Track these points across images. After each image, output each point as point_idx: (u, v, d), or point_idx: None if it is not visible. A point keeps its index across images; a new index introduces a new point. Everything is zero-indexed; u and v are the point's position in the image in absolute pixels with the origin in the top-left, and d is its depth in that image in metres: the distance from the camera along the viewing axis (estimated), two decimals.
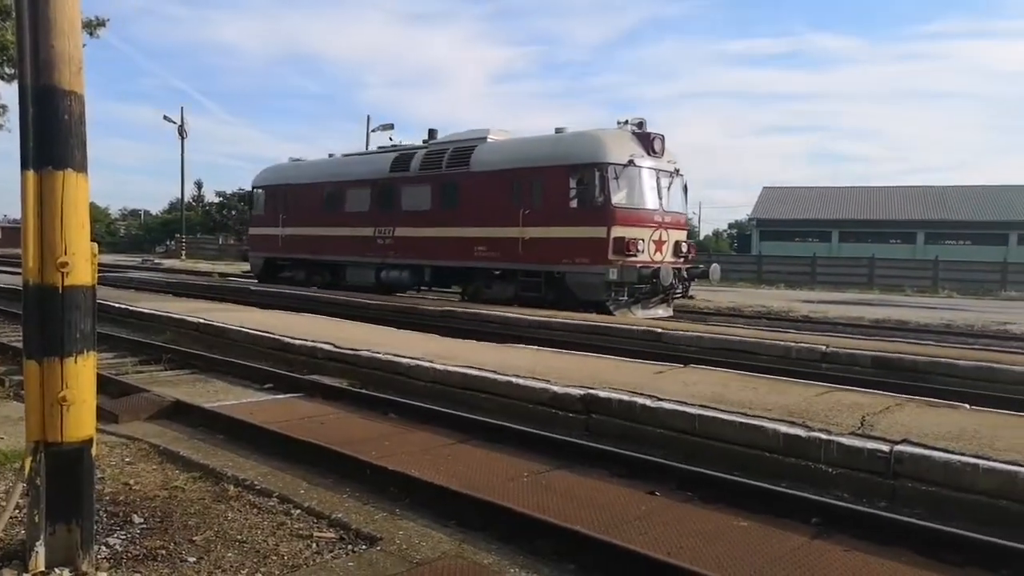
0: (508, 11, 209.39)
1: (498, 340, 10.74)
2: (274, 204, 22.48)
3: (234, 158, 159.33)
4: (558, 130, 16.54)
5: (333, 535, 3.98)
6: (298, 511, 4.29)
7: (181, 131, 50.08)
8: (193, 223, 63.59)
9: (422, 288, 19.71)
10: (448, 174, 17.44)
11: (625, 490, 4.77)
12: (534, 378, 7.03)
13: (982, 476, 4.39)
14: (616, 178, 14.68)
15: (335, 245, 20.26)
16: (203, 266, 39.40)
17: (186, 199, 60.63)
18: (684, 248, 15.96)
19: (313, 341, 9.49)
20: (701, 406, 5.86)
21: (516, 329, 13.05)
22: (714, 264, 17.38)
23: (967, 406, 6.26)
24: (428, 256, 17.82)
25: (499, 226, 16.15)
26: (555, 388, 6.69)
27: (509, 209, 15.92)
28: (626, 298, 14.78)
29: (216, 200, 69.56)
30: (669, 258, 15.36)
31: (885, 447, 4.81)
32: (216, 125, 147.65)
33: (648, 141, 15.40)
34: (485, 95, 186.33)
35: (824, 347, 10.00)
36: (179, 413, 6.62)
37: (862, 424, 5.34)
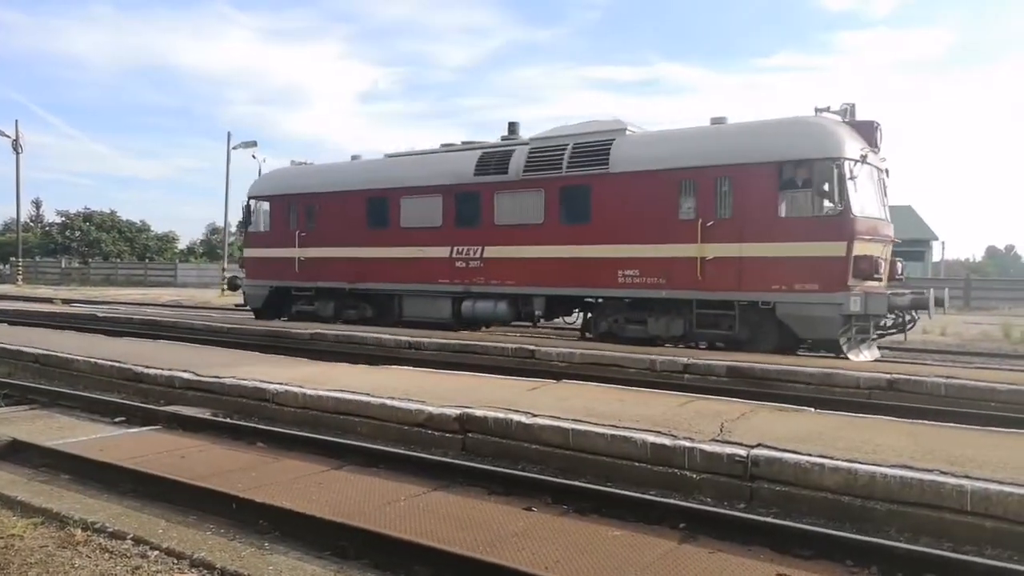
0: (374, 32, 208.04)
1: (370, 362, 10.54)
2: (285, 219, 17.79)
3: (79, 175, 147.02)
4: (715, 120, 13.01)
5: None
6: (156, 552, 4.00)
7: (15, 146, 45.88)
8: (31, 245, 58.29)
9: (523, 322, 15.41)
10: (573, 176, 13.52)
11: (503, 507, 4.79)
12: (409, 399, 6.95)
13: (827, 474, 4.77)
14: (852, 179, 11.35)
15: (386, 270, 15.93)
16: (43, 292, 36.15)
17: (23, 219, 55.62)
18: (899, 268, 12.69)
19: (170, 370, 8.92)
20: (574, 420, 6.00)
21: (387, 350, 12.87)
22: (945, 289, 12.77)
23: (812, 410, 6.79)
24: (539, 282, 13.86)
25: (659, 242, 12.49)
26: (431, 409, 6.64)
27: (676, 220, 12.40)
28: (870, 334, 11.66)
29: (58, 220, 64.22)
30: (885, 281, 12.11)
31: (743, 451, 5.11)
32: (59, 140, 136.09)
33: (870, 132, 12.05)
34: (352, 114, 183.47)
35: (685, 359, 10.53)
36: (16, 453, 6.02)
37: (721, 431, 5.67)
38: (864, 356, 11.54)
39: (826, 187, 11.51)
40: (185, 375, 8.64)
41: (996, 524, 4.21)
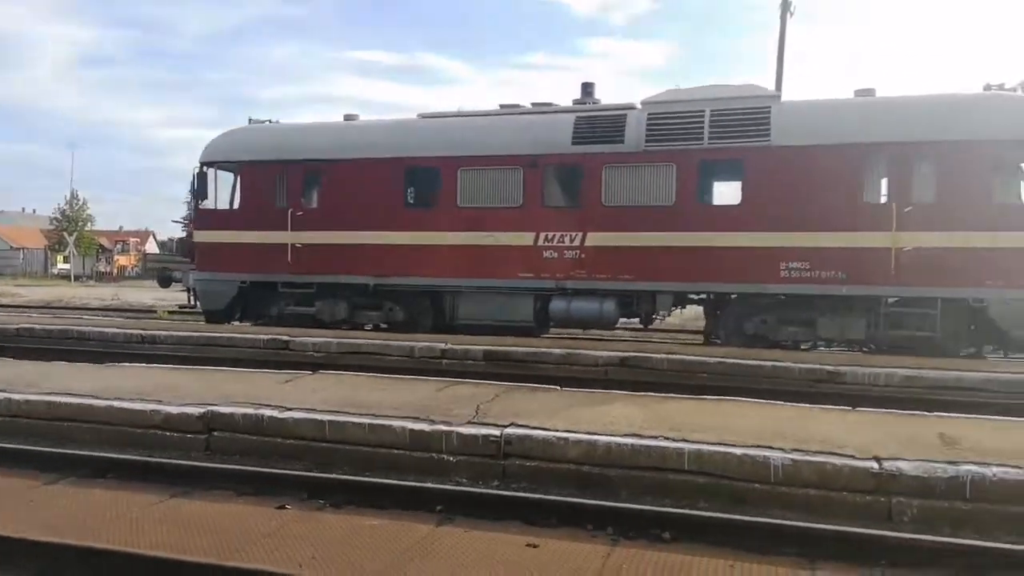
0: None
1: (96, 360, 9.38)
2: (268, 192, 13.52)
3: None
4: (859, 92, 11.58)
5: None
6: None
7: None
8: None
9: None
10: (719, 149, 11.42)
11: (253, 508, 4.52)
12: (143, 400, 6.29)
13: (571, 447, 5.13)
14: None
15: (434, 260, 12.63)
16: None
17: None
18: None
19: None
20: (331, 411, 5.84)
21: (117, 346, 11.58)
22: None
23: (559, 388, 7.28)
24: (667, 276, 11.64)
25: (839, 230, 10.80)
26: (168, 408, 6.07)
27: (861, 204, 10.87)
28: None
29: None
30: None
31: (496, 432, 5.33)
32: None
33: None
34: (70, 80, 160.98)
35: (443, 344, 10.74)
36: None
37: (477, 413, 5.86)
38: None
39: None
40: None
41: (708, 480, 4.82)
